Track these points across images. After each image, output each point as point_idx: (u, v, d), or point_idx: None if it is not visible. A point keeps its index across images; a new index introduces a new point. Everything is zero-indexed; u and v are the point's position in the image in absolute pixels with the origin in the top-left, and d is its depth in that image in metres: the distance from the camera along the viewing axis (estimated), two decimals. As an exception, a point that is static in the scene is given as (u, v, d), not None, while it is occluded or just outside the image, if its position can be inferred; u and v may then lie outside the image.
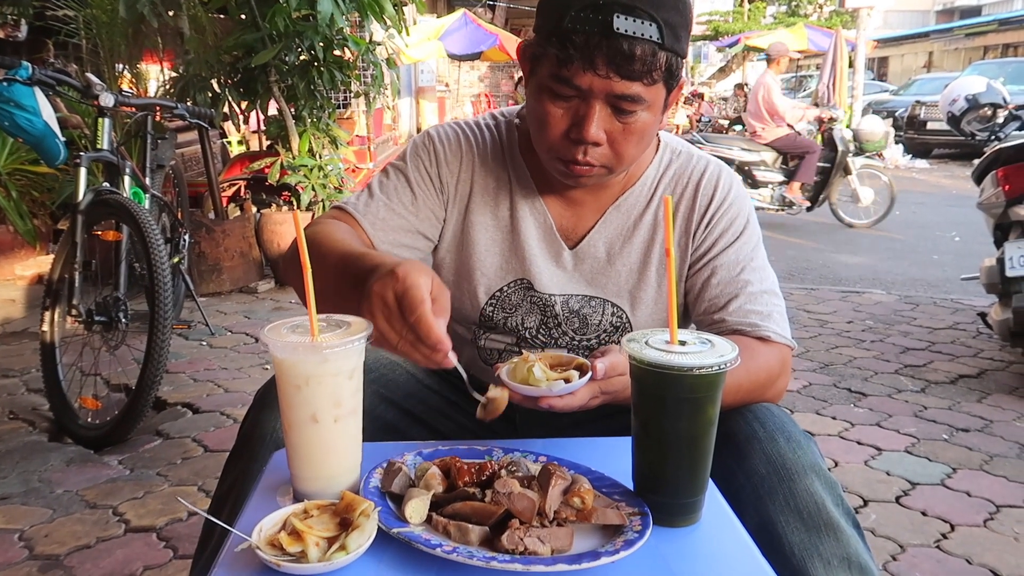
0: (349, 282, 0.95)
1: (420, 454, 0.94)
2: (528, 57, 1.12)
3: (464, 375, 0.95)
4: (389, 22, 4.71)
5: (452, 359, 0.87)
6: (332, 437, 0.86)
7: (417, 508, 0.80)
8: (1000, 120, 5.96)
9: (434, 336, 0.84)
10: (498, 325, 1.26)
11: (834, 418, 2.86)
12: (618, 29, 0.98)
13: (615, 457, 0.95)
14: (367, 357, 0.89)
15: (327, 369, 0.84)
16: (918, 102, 14.44)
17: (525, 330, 1.25)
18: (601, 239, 1.24)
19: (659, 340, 0.86)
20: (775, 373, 1.12)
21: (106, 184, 2.85)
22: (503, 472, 0.86)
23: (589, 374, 0.91)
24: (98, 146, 2.88)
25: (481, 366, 1.30)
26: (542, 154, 1.15)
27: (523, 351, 1.10)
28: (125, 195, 2.87)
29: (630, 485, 0.89)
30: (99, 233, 2.82)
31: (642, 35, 0.99)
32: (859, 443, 2.64)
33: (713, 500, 0.90)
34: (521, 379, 0.92)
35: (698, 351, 0.84)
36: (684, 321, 1.26)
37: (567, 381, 0.91)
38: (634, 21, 0.98)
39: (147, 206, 3.17)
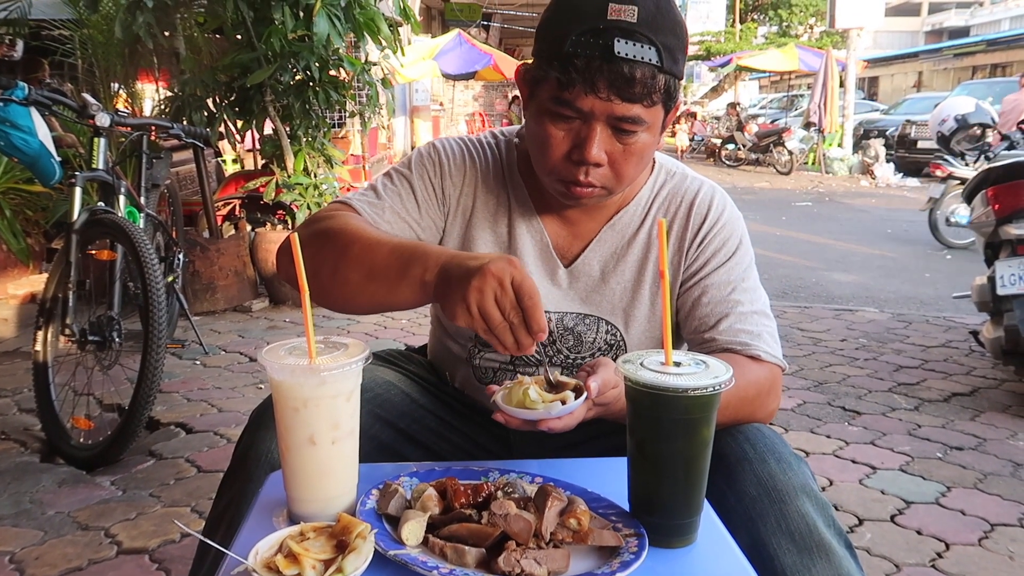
0: (398, 266, 1.01)
1: (416, 475, 0.94)
2: (528, 80, 1.13)
3: (545, 356, 0.98)
4: (384, 42, 4.75)
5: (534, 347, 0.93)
6: (329, 459, 0.86)
7: (413, 530, 0.80)
8: (989, 140, 6.03)
9: (543, 322, 0.90)
10: None
11: (828, 436, 2.87)
12: (619, 53, 1.00)
13: (611, 478, 0.95)
14: (363, 377, 0.90)
15: (325, 392, 0.84)
16: (908, 121, 14.58)
17: (520, 348, 1.25)
18: (596, 258, 1.25)
19: (654, 361, 0.87)
20: (764, 390, 1.13)
21: (101, 203, 2.85)
22: (499, 493, 0.86)
23: (585, 395, 0.92)
24: (93, 166, 2.89)
25: (476, 385, 1.30)
26: (543, 175, 1.16)
27: (517, 372, 1.10)
28: (120, 214, 2.87)
29: (626, 506, 0.89)
30: (93, 252, 2.82)
31: (642, 58, 1.01)
32: (853, 462, 2.64)
33: (708, 521, 0.90)
34: (517, 403, 0.92)
35: (692, 372, 0.84)
36: (676, 340, 1.26)
37: (563, 403, 0.91)
38: (634, 45, 1.00)
39: (142, 225, 3.17)
